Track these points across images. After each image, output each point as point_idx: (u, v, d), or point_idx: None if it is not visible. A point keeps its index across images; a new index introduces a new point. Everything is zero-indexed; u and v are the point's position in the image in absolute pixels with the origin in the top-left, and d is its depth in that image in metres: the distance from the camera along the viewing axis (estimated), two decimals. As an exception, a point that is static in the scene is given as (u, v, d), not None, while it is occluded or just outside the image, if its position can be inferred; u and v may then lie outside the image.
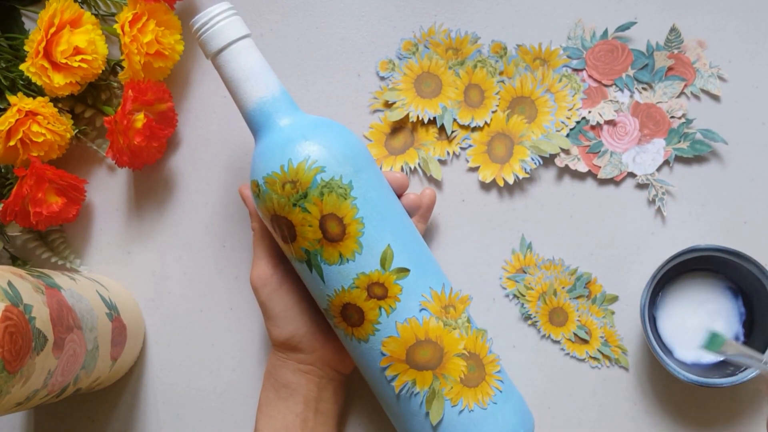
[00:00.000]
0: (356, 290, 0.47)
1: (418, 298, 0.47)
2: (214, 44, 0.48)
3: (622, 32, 0.59)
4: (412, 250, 0.48)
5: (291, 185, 0.46)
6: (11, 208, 0.54)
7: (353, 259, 0.46)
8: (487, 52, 0.59)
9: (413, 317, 0.47)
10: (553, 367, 0.57)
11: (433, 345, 0.47)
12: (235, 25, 0.48)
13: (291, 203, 0.46)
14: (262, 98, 0.48)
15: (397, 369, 0.47)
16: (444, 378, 0.47)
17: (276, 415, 0.52)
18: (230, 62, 0.48)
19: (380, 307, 0.47)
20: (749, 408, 0.56)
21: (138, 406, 0.60)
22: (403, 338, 0.47)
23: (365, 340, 0.48)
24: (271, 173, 0.47)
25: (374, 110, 0.60)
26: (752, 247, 0.55)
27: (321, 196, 0.46)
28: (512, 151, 0.58)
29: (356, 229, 0.46)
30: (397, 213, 0.49)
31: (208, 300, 0.60)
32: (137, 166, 0.57)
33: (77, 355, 0.48)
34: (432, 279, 0.48)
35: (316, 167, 0.46)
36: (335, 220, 0.46)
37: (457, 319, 0.48)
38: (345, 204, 0.46)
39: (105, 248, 0.61)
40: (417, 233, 0.51)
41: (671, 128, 0.58)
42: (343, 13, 0.61)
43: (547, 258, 0.58)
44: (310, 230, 0.46)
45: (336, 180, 0.46)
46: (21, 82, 0.56)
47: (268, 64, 0.49)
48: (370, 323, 0.47)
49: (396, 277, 0.47)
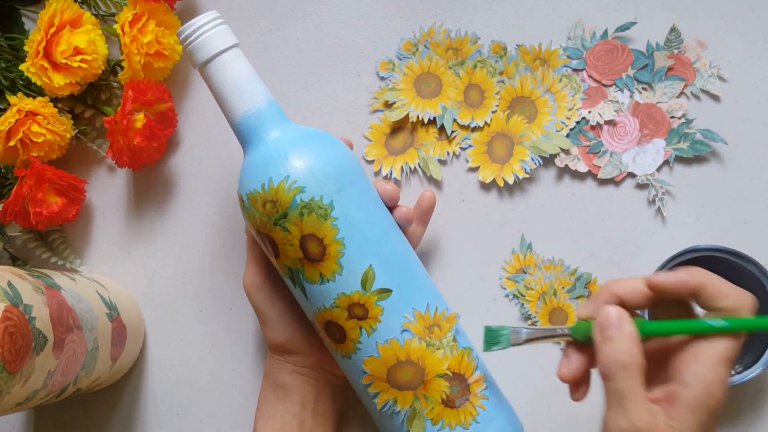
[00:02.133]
0: (337, 309, 0.46)
1: (400, 318, 0.46)
2: (200, 55, 0.47)
3: (622, 32, 0.59)
4: (397, 270, 0.47)
5: (271, 204, 0.45)
6: (11, 208, 0.54)
7: (333, 279, 0.46)
8: (487, 52, 0.59)
9: (394, 338, 0.46)
10: (553, 367, 0.57)
11: (414, 366, 0.46)
12: (221, 35, 0.47)
13: (272, 222, 0.46)
14: (246, 112, 0.47)
15: (379, 387, 0.47)
16: (425, 398, 0.46)
17: (274, 415, 0.52)
18: (215, 75, 0.47)
19: (361, 327, 0.46)
20: (749, 408, 0.56)
21: (138, 406, 0.60)
22: (383, 358, 0.46)
23: (348, 357, 0.47)
24: (253, 191, 0.46)
25: (374, 110, 0.60)
26: (752, 247, 0.55)
27: (301, 216, 0.45)
28: (512, 151, 0.58)
29: (336, 249, 0.45)
30: (383, 230, 0.48)
31: (208, 300, 0.60)
32: (137, 166, 0.57)
33: (77, 356, 0.48)
34: (417, 298, 0.47)
35: (296, 187, 0.45)
36: (315, 240, 0.45)
37: (441, 339, 0.47)
38: (325, 224, 0.45)
39: (105, 248, 0.61)
40: (406, 249, 0.49)
41: (671, 128, 0.58)
42: (343, 13, 0.61)
43: (547, 258, 0.58)
44: (291, 249, 0.46)
45: (316, 200, 0.45)
46: (21, 82, 0.56)
47: (255, 74, 0.48)
48: (351, 342, 0.47)
49: (377, 298, 0.46)
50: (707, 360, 0.39)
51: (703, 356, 0.39)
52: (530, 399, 0.56)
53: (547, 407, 0.57)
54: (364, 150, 0.60)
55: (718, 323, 0.39)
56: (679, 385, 0.39)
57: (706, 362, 0.39)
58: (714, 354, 0.39)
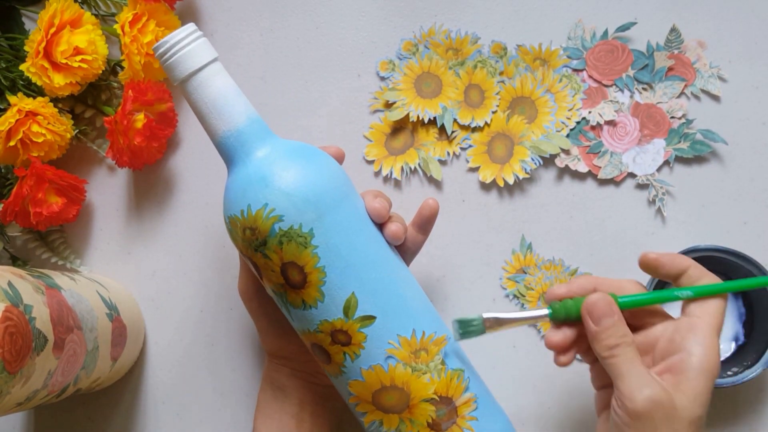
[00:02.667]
0: (321, 334, 0.46)
1: (385, 345, 0.45)
2: (176, 73, 0.45)
3: (622, 32, 0.59)
4: (382, 295, 0.45)
5: (251, 231, 0.45)
6: (11, 208, 0.54)
7: (315, 306, 0.45)
8: (487, 52, 0.59)
9: (378, 364, 0.45)
10: (553, 368, 0.57)
11: (399, 391, 0.45)
12: (198, 51, 0.45)
13: (252, 248, 0.45)
14: (226, 132, 0.46)
15: (365, 408, 0.47)
16: (411, 422, 0.45)
17: (273, 415, 0.52)
18: (193, 93, 0.45)
19: (345, 353, 0.45)
20: (749, 408, 0.56)
21: (138, 406, 0.60)
22: (368, 383, 0.46)
23: (335, 377, 0.47)
24: (233, 216, 0.45)
25: (374, 110, 0.60)
26: (752, 247, 0.55)
27: (280, 245, 0.44)
28: (512, 151, 0.58)
29: (318, 277, 0.44)
30: (368, 254, 0.46)
31: (208, 300, 0.60)
32: (137, 166, 0.57)
33: (77, 356, 0.48)
34: (404, 322, 0.46)
35: (274, 216, 0.44)
36: (296, 268, 0.44)
37: (429, 363, 0.46)
38: (305, 252, 0.44)
39: (105, 248, 0.61)
40: (395, 269, 0.47)
41: (671, 128, 0.58)
42: (343, 13, 0.61)
43: (547, 258, 0.58)
44: (273, 275, 0.45)
45: (295, 229, 0.44)
46: (21, 82, 0.56)
47: (235, 89, 0.46)
48: (336, 365, 0.46)
49: (360, 325, 0.45)
50: (704, 330, 0.45)
51: (700, 327, 0.45)
52: (530, 399, 0.56)
53: (547, 407, 0.57)
54: (364, 150, 0.60)
55: (684, 293, 0.46)
56: (684, 354, 0.44)
57: (704, 331, 0.45)
58: (708, 325, 0.45)
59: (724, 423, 0.56)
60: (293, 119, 0.60)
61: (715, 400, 0.56)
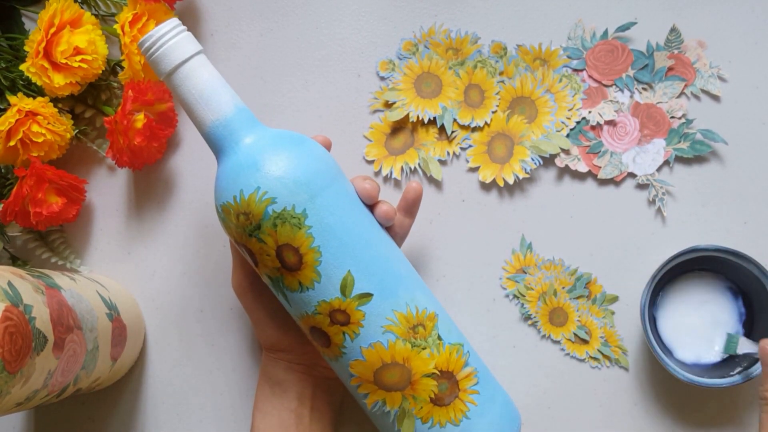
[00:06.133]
0: (319, 316, 0.46)
1: (383, 321, 0.46)
2: (162, 67, 0.46)
3: (622, 32, 0.59)
4: (377, 272, 0.46)
5: (244, 216, 0.45)
6: (11, 208, 0.54)
7: (312, 287, 0.45)
8: (487, 52, 0.59)
9: (378, 341, 0.45)
10: (553, 368, 0.57)
11: (401, 367, 0.46)
12: (182, 44, 0.46)
13: (247, 233, 0.46)
14: (214, 122, 0.46)
15: (367, 389, 0.47)
16: (413, 399, 0.46)
17: (271, 410, 0.52)
18: (179, 86, 0.46)
19: (344, 332, 0.46)
20: (749, 408, 0.56)
21: (138, 406, 0.60)
22: (369, 362, 0.46)
23: (335, 360, 0.47)
24: (226, 203, 0.46)
25: (374, 110, 0.60)
26: (752, 247, 0.55)
27: (274, 227, 0.44)
28: (512, 151, 0.58)
29: (313, 258, 0.45)
30: (361, 232, 0.47)
31: (208, 300, 0.60)
32: (137, 166, 0.57)
33: (77, 356, 0.48)
34: (400, 298, 0.46)
35: (267, 198, 0.44)
36: (291, 250, 0.45)
37: (427, 338, 0.46)
38: (300, 233, 0.45)
39: (105, 248, 0.61)
40: (388, 248, 0.48)
41: (671, 128, 0.58)
42: (343, 13, 0.61)
43: (547, 258, 0.58)
44: (269, 259, 0.46)
45: (288, 210, 0.44)
46: (21, 82, 0.56)
47: (221, 80, 0.47)
48: (336, 346, 0.46)
49: (358, 303, 0.45)
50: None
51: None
52: (530, 399, 0.56)
53: (547, 407, 0.57)
54: (364, 150, 0.60)
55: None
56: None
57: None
58: None
59: (724, 423, 0.56)
60: (293, 119, 0.60)
61: (715, 400, 0.56)
